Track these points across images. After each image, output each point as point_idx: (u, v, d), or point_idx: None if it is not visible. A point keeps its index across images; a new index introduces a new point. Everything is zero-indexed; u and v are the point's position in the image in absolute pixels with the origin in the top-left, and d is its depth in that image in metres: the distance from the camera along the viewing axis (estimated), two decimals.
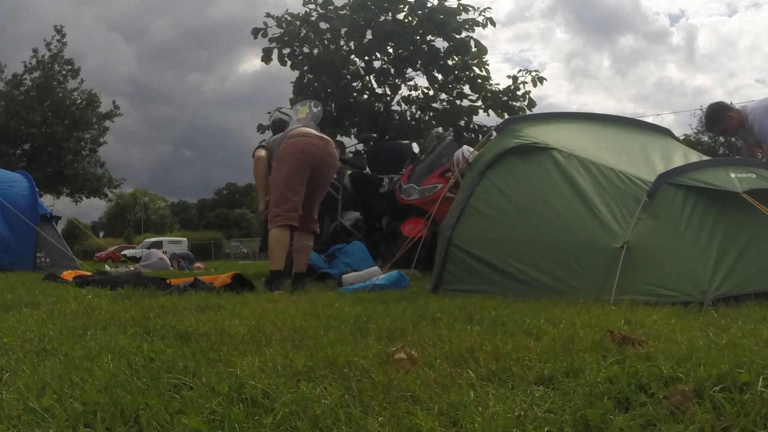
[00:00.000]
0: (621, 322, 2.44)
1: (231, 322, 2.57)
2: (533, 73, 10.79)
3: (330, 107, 10.28)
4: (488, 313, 2.78)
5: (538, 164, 4.02)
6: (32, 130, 27.50)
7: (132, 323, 2.59)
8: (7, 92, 28.10)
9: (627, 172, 3.63)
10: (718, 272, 3.19)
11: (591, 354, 1.80)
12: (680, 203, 3.37)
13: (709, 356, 1.69)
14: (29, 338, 2.24)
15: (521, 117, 5.02)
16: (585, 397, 1.39)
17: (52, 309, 3.14)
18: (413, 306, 3.16)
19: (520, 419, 1.27)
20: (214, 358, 1.88)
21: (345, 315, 2.76)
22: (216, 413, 1.34)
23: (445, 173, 6.49)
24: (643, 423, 1.26)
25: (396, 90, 11.04)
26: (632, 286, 3.24)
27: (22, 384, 1.57)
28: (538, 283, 3.64)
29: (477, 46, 10.60)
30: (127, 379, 1.61)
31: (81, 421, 1.32)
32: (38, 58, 28.79)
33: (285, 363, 1.77)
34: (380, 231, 7.64)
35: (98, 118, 30.09)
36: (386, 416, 1.32)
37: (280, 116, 7.51)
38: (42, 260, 8.15)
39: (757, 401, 1.33)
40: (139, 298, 3.69)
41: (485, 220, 4.15)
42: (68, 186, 29.52)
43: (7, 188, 8.25)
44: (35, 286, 4.75)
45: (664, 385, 1.46)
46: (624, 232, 3.39)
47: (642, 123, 5.04)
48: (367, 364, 1.73)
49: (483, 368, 1.69)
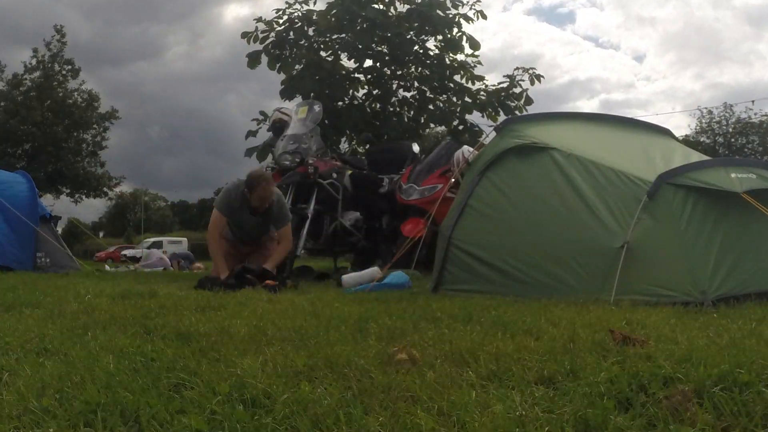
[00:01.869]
0: (621, 322, 2.44)
1: (231, 322, 2.57)
2: (530, 70, 10.73)
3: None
4: (488, 313, 2.78)
5: (538, 164, 4.02)
6: (32, 130, 27.50)
7: (132, 323, 2.59)
8: (8, 92, 28.10)
9: (627, 172, 3.63)
10: (718, 272, 3.20)
11: (591, 354, 1.80)
12: (680, 203, 3.37)
13: (710, 356, 1.69)
14: (29, 338, 2.23)
15: (521, 117, 5.03)
16: (585, 397, 1.39)
17: (52, 309, 3.14)
18: (413, 306, 3.16)
19: (520, 419, 1.27)
20: (214, 357, 1.88)
21: (345, 315, 2.76)
22: (216, 413, 1.34)
23: (445, 173, 6.49)
24: (643, 423, 1.26)
25: (390, 91, 10.98)
26: (632, 286, 3.25)
27: (22, 384, 1.57)
28: (538, 283, 3.64)
29: (469, 41, 10.54)
30: (127, 378, 1.61)
31: (81, 420, 1.32)
32: (38, 58, 28.83)
33: (285, 363, 1.77)
34: (380, 231, 7.65)
35: (98, 118, 30.09)
36: (386, 416, 1.32)
37: (279, 116, 7.52)
38: (42, 260, 8.15)
39: (758, 401, 1.33)
40: (139, 298, 3.69)
41: (485, 220, 4.15)
42: (68, 186, 29.52)
43: (7, 188, 8.25)
44: (35, 286, 4.74)
45: (664, 385, 1.46)
46: (624, 232, 3.39)
47: (641, 123, 5.04)
48: (368, 364, 1.73)
49: (483, 368, 1.69)
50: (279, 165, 6.81)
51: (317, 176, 6.42)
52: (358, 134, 10.27)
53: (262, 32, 10.47)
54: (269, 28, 10.46)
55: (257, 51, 10.51)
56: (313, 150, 6.88)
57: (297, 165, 6.62)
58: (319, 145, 7.20)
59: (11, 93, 28.11)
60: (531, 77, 10.63)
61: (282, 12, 10.47)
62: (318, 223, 6.62)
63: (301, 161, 6.62)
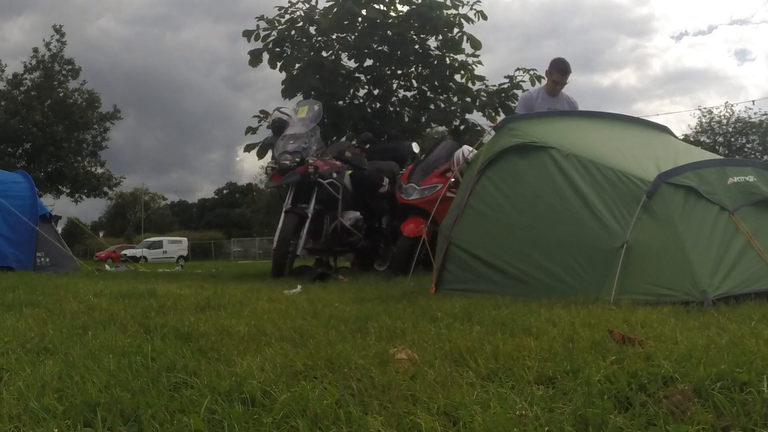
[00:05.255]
0: (621, 322, 2.45)
1: (231, 321, 2.58)
2: (531, 71, 10.71)
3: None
4: (488, 312, 2.78)
5: (537, 163, 4.01)
6: (32, 130, 27.50)
7: (132, 323, 2.59)
8: (8, 92, 28.10)
9: (626, 172, 3.62)
10: (718, 272, 3.19)
11: (591, 354, 1.80)
12: (679, 203, 3.37)
13: (709, 356, 1.69)
14: (29, 338, 2.23)
15: (520, 115, 5.00)
16: (585, 397, 1.39)
17: (52, 309, 3.14)
18: (413, 306, 3.16)
19: (520, 419, 1.27)
20: (214, 357, 1.88)
21: (345, 315, 2.77)
22: (216, 412, 1.34)
23: (445, 173, 6.49)
24: (643, 422, 1.26)
25: (390, 90, 10.96)
26: (632, 285, 3.24)
27: (22, 383, 1.57)
28: (538, 283, 3.64)
29: (470, 41, 10.52)
30: (127, 378, 1.61)
31: (81, 420, 1.32)
32: (38, 58, 28.81)
33: (285, 362, 1.77)
34: (380, 231, 7.64)
35: (98, 119, 30.08)
36: (386, 416, 1.32)
37: (279, 116, 7.51)
38: (42, 260, 8.16)
39: (758, 401, 1.33)
40: (139, 297, 3.69)
41: (485, 220, 4.15)
42: (68, 185, 29.52)
43: (7, 188, 8.26)
44: (35, 286, 4.74)
45: (664, 384, 1.46)
46: (623, 231, 3.39)
47: (640, 120, 5.02)
48: (367, 363, 1.73)
49: (483, 368, 1.69)
50: (279, 165, 6.81)
51: (317, 176, 6.42)
52: (358, 134, 10.27)
53: (264, 30, 10.48)
54: (271, 26, 10.47)
55: (258, 49, 10.53)
56: (313, 150, 6.88)
57: (297, 165, 6.62)
58: (319, 144, 7.20)
59: (11, 93, 28.12)
60: (532, 78, 10.63)
61: (284, 11, 10.47)
62: (318, 223, 6.62)
63: (301, 161, 6.62)
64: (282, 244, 6.26)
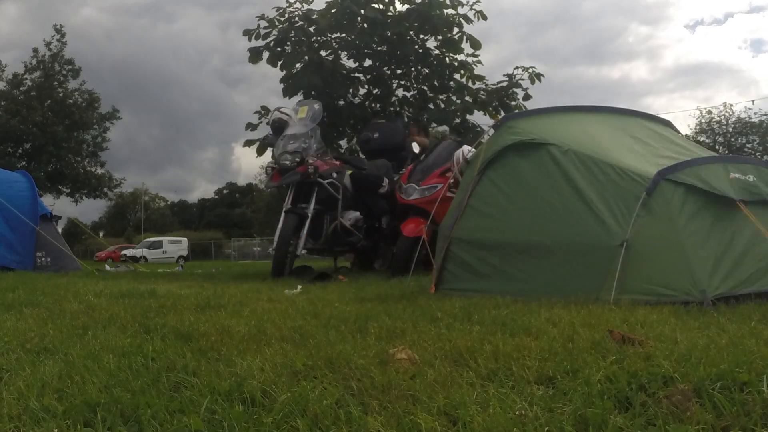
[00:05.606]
0: (621, 322, 2.45)
1: (231, 321, 2.58)
2: (530, 69, 10.71)
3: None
4: (488, 312, 2.78)
5: (537, 161, 3.99)
6: (32, 130, 27.51)
7: (132, 323, 2.59)
8: (8, 92, 28.12)
9: (626, 168, 3.59)
10: (717, 271, 3.19)
11: (591, 354, 1.80)
12: (679, 200, 3.35)
13: (709, 356, 1.69)
14: (29, 338, 2.24)
15: (519, 113, 5.00)
16: (585, 397, 1.39)
17: (52, 309, 3.14)
18: (413, 306, 3.16)
19: (520, 419, 1.27)
20: (214, 357, 1.88)
21: (345, 315, 2.77)
22: (216, 412, 1.34)
23: (445, 173, 6.49)
24: (643, 422, 1.26)
25: (390, 90, 10.97)
26: (632, 285, 3.24)
27: (22, 383, 1.57)
28: (538, 283, 3.63)
29: (470, 41, 10.52)
30: (127, 378, 1.61)
31: (81, 420, 1.32)
32: (38, 58, 28.82)
33: (285, 362, 1.77)
34: (380, 231, 7.64)
35: (98, 119, 30.09)
36: (386, 416, 1.32)
37: (279, 116, 7.51)
38: (42, 260, 8.16)
39: (758, 401, 1.33)
40: (138, 297, 3.69)
41: (485, 219, 4.15)
42: (68, 186, 29.54)
43: (7, 188, 8.25)
44: (35, 286, 4.74)
45: (664, 384, 1.46)
46: (623, 230, 3.38)
47: (643, 114, 4.95)
48: (367, 363, 1.73)
49: (483, 368, 1.69)
50: (279, 164, 6.81)
51: (317, 176, 6.42)
52: (358, 133, 10.27)
53: (264, 29, 10.50)
54: (271, 26, 10.48)
55: (258, 47, 10.54)
56: (313, 150, 6.87)
57: (297, 165, 6.62)
58: (319, 144, 7.20)
59: (12, 93, 28.13)
60: (531, 76, 10.63)
61: (283, 11, 10.48)
62: (318, 223, 6.62)
63: (301, 161, 6.62)
64: (282, 244, 6.26)
